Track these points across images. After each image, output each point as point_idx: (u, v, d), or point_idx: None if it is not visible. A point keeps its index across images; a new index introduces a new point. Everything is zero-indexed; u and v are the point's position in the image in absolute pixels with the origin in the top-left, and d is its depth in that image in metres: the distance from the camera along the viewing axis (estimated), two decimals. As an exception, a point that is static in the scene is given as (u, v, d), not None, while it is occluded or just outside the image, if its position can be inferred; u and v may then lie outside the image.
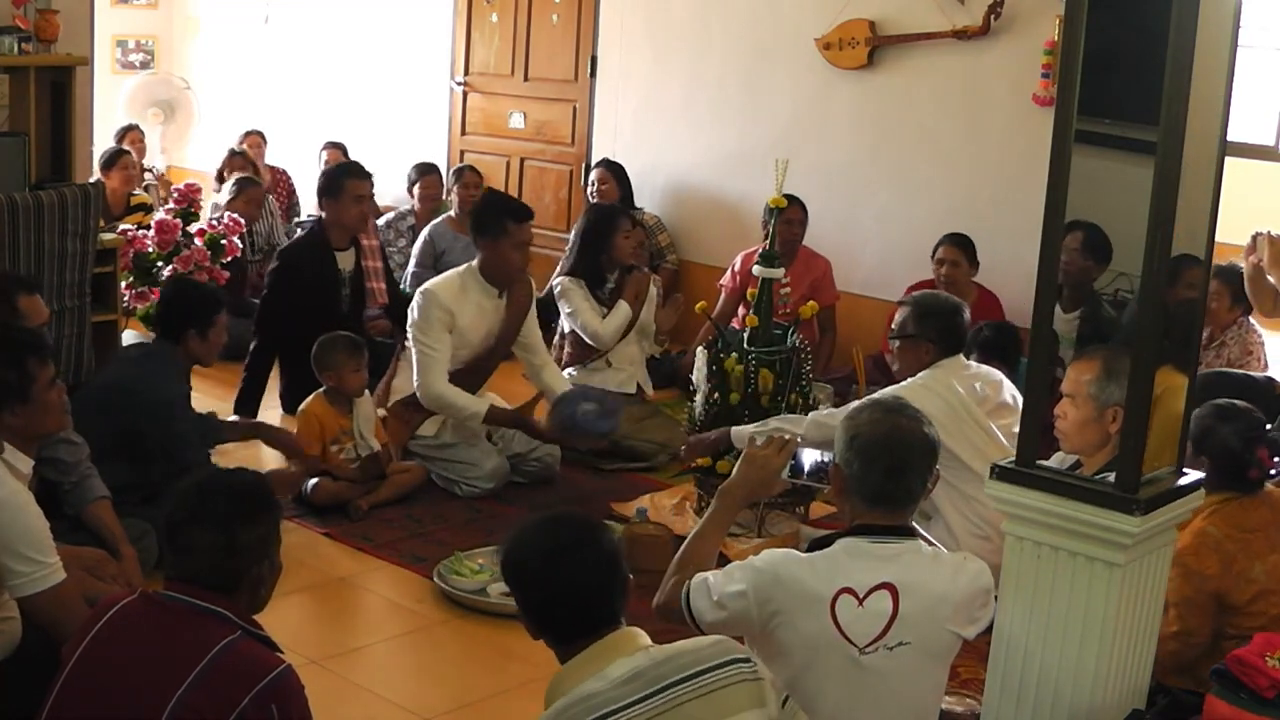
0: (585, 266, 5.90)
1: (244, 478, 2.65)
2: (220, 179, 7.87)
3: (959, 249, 6.22)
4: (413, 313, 5.20)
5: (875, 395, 3.29)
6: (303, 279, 5.77)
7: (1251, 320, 5.53)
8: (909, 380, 4.35)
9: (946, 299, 4.68)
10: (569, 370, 5.97)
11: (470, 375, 5.30)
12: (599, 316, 5.81)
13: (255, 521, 2.50)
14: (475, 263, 5.30)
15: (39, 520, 3.06)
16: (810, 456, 3.27)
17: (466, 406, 5.15)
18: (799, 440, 3.19)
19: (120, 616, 2.48)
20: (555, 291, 6.00)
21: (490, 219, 5.23)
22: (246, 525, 2.48)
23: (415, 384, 5.16)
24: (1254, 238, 5.07)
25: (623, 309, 5.82)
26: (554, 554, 2.38)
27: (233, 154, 8.01)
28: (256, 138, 8.66)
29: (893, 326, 4.60)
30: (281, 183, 8.55)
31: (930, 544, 2.83)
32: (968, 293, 6.27)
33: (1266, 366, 5.51)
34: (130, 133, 8.41)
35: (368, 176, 6.04)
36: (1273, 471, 3.67)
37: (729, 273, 6.86)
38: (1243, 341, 5.50)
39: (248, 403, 5.74)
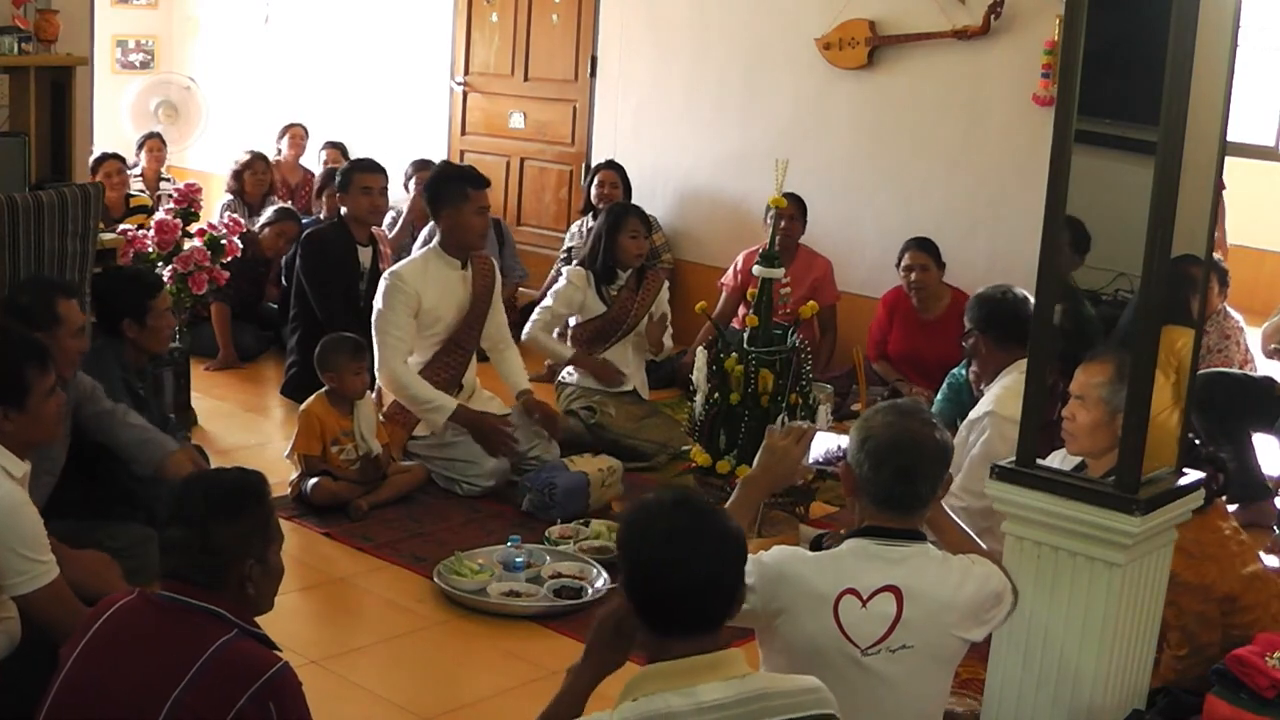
0: (596, 263, 5.93)
1: (228, 477, 2.61)
2: (238, 180, 7.83)
3: (926, 253, 6.19)
4: (378, 300, 5.26)
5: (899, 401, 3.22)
6: (329, 259, 5.99)
7: (1228, 308, 5.59)
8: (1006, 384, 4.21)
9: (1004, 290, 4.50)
10: (568, 370, 5.97)
11: (452, 353, 5.34)
12: (550, 322, 5.87)
13: (233, 520, 2.46)
14: (435, 241, 5.38)
15: (35, 519, 3.06)
16: (823, 444, 3.24)
17: (421, 394, 5.15)
18: (815, 429, 3.16)
19: (118, 616, 2.47)
20: (559, 275, 6.02)
21: (450, 187, 5.29)
22: (222, 523, 2.45)
23: (377, 368, 5.18)
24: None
25: (561, 349, 5.87)
26: (673, 534, 2.22)
27: (261, 160, 7.98)
28: (299, 130, 8.65)
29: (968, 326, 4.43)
30: (307, 185, 8.54)
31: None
32: (941, 295, 6.25)
33: (1246, 351, 5.56)
34: (150, 140, 8.43)
35: (379, 170, 6.27)
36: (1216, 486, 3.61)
37: (731, 271, 6.86)
38: (1220, 328, 5.56)
39: (300, 389, 5.61)
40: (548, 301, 5.92)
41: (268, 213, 7.31)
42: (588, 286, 5.88)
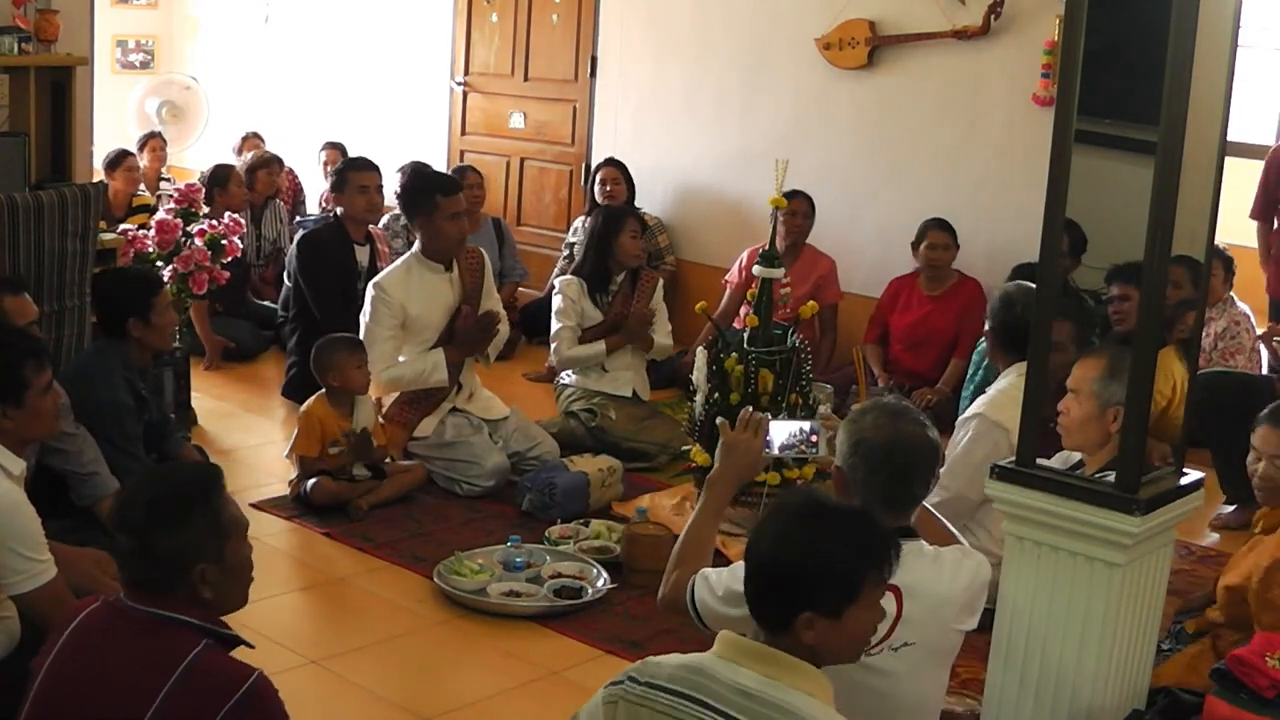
0: (590, 268, 5.92)
1: (171, 481, 2.48)
2: (250, 176, 7.81)
3: (947, 233, 6.33)
4: (364, 312, 5.28)
5: (882, 400, 3.22)
6: (325, 260, 5.99)
7: (1234, 296, 5.69)
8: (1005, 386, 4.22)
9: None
10: (566, 373, 5.96)
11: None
12: (573, 338, 5.84)
13: (175, 528, 2.35)
14: (416, 246, 5.37)
15: (32, 518, 3.06)
16: (782, 431, 3.20)
17: (412, 371, 5.21)
18: (769, 417, 3.15)
19: (87, 628, 2.40)
20: (553, 288, 6.00)
21: (420, 197, 5.30)
22: (162, 533, 2.34)
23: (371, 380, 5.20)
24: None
25: (597, 348, 5.83)
26: (789, 521, 2.26)
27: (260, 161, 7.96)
28: (255, 140, 8.64)
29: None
30: (289, 183, 8.54)
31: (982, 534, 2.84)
32: (950, 274, 6.40)
33: (1254, 337, 5.64)
34: (152, 140, 8.43)
35: (373, 168, 6.24)
36: None
37: (735, 267, 6.87)
38: (1229, 315, 5.66)
39: (300, 390, 5.60)
40: (559, 322, 5.88)
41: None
42: (582, 295, 5.88)
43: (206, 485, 2.44)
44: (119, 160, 7.50)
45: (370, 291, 5.29)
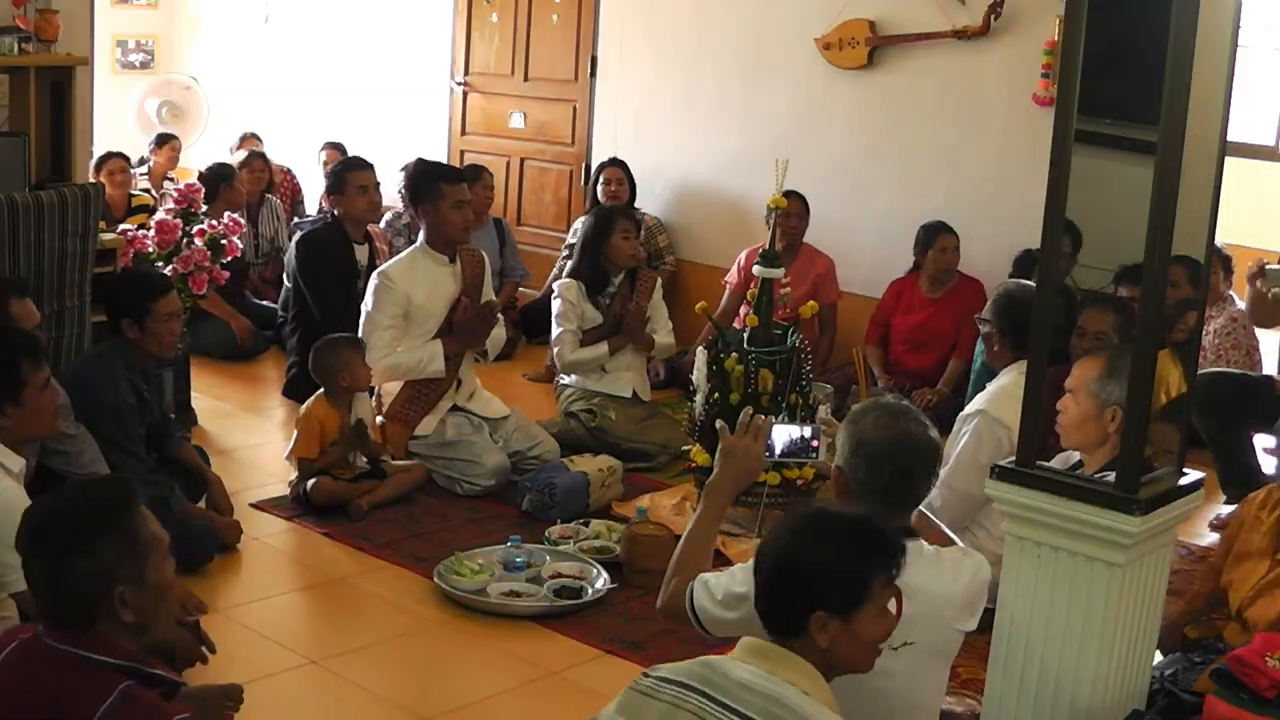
0: (586, 269, 5.91)
1: (81, 501, 2.33)
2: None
3: (954, 235, 6.36)
4: (367, 300, 5.31)
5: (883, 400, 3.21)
6: (325, 259, 6.02)
7: (1233, 294, 5.72)
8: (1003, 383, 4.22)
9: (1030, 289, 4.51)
10: (566, 374, 5.96)
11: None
12: (574, 342, 5.80)
13: (89, 552, 2.22)
14: (420, 238, 5.41)
15: None
16: (783, 435, 3.18)
17: (410, 360, 5.22)
18: (771, 420, 3.13)
19: (8, 669, 2.28)
20: (553, 292, 6.01)
21: (425, 185, 5.34)
22: (77, 558, 2.21)
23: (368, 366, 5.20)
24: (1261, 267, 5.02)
25: (599, 351, 5.81)
26: (794, 526, 2.39)
27: (250, 157, 7.94)
28: (253, 140, 8.64)
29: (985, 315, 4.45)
30: (286, 183, 8.55)
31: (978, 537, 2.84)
32: (952, 278, 6.43)
33: (1253, 334, 5.67)
34: (171, 140, 8.43)
35: (369, 167, 6.27)
36: None
37: (734, 268, 6.87)
38: (1227, 313, 5.70)
39: (300, 390, 5.62)
40: (560, 326, 5.85)
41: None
42: (582, 298, 5.87)
43: (120, 503, 2.30)
44: (101, 163, 7.44)
45: (374, 280, 5.31)
